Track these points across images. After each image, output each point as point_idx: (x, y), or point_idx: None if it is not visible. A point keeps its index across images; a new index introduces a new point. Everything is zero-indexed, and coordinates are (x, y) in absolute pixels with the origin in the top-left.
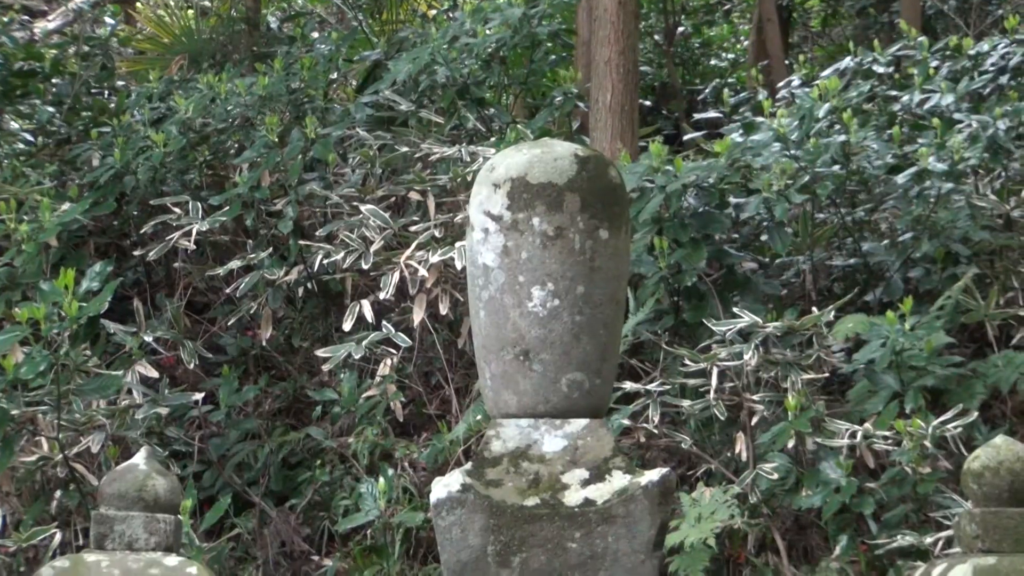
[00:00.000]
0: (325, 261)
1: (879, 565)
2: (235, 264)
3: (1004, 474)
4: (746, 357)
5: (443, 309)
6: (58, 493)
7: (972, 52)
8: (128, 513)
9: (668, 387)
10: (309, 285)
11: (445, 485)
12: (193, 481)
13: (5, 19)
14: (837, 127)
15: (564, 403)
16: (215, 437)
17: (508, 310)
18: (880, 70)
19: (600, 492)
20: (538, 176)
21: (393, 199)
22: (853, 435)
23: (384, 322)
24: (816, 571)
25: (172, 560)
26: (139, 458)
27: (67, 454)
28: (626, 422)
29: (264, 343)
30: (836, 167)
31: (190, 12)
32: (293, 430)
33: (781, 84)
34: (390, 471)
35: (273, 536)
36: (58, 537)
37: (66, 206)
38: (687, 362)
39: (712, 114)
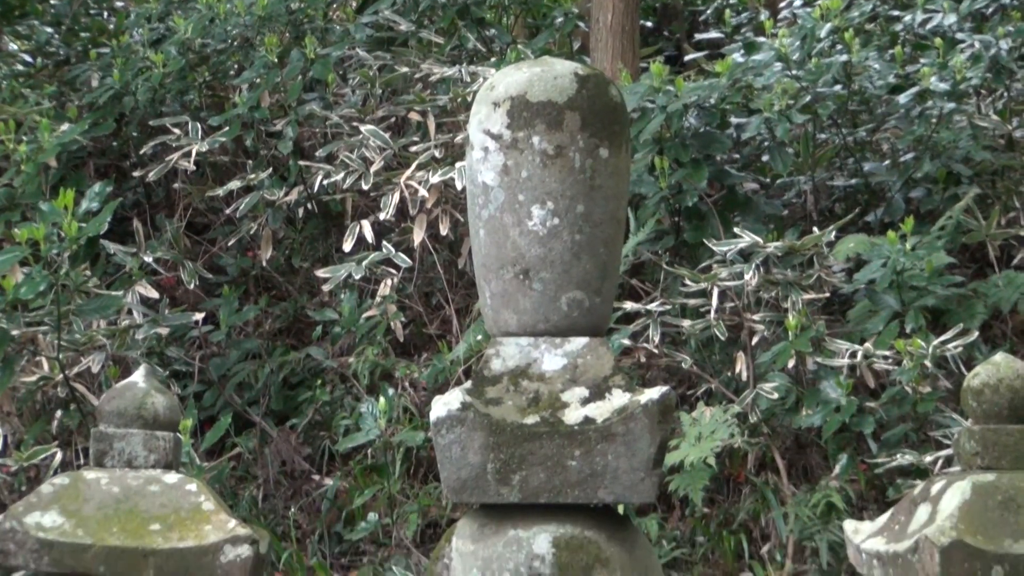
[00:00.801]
0: (325, 182)
1: (878, 484)
2: (235, 185)
3: (1004, 391)
4: (747, 277)
5: (443, 229)
6: (59, 413)
7: None
8: (127, 431)
9: (669, 307)
10: (309, 206)
11: (445, 404)
12: (194, 401)
13: None
14: (839, 47)
15: (564, 322)
16: (215, 357)
17: (508, 229)
18: None
19: (600, 410)
20: (538, 95)
21: (393, 119)
22: (853, 355)
23: (384, 242)
24: (816, 490)
25: (172, 477)
26: (138, 376)
27: (67, 374)
28: (626, 342)
29: (264, 263)
30: (838, 87)
31: None
32: (293, 350)
33: (783, 4)
34: (390, 391)
35: (274, 455)
36: (59, 456)
37: (65, 127)
38: (688, 282)
39: (713, 34)
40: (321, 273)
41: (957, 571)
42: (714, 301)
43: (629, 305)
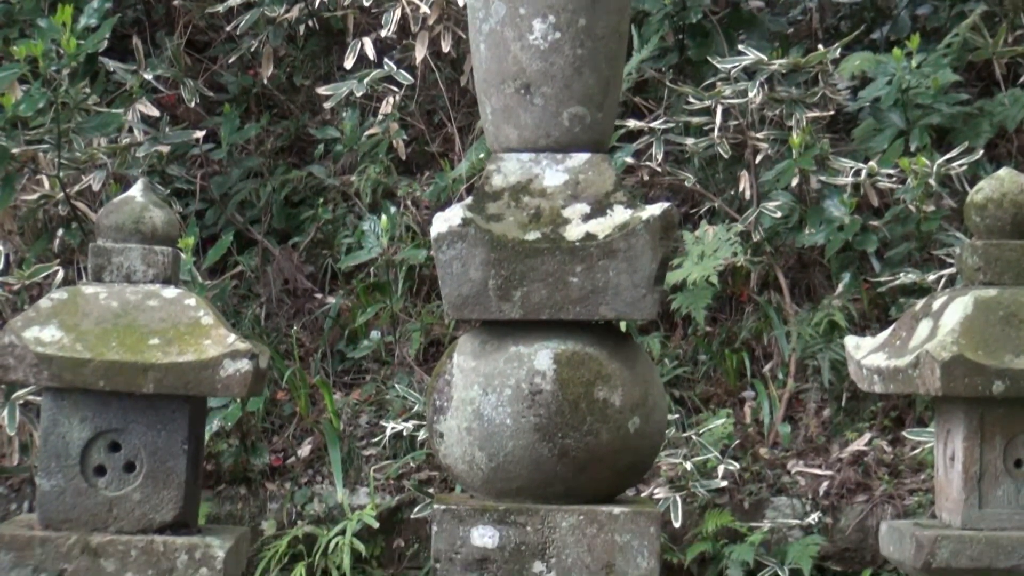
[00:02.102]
0: None
1: (881, 302)
2: (235, 1)
3: (1008, 206)
4: (751, 95)
5: (445, 47)
6: (60, 231)
7: None
8: (126, 245)
9: (672, 125)
10: (310, 23)
11: (446, 220)
12: (195, 219)
13: None
14: None
15: (565, 137)
16: (217, 175)
17: (509, 43)
18: None
19: (601, 226)
20: None
21: None
22: (857, 173)
23: (386, 60)
24: (818, 309)
25: (171, 292)
26: (136, 190)
27: (68, 192)
28: (629, 160)
29: (265, 81)
30: None
31: None
32: (295, 168)
33: None
34: (392, 209)
35: (276, 274)
36: (61, 274)
37: None
38: (691, 100)
39: None
40: (322, 91)
41: (957, 386)
42: (718, 119)
43: (632, 123)
